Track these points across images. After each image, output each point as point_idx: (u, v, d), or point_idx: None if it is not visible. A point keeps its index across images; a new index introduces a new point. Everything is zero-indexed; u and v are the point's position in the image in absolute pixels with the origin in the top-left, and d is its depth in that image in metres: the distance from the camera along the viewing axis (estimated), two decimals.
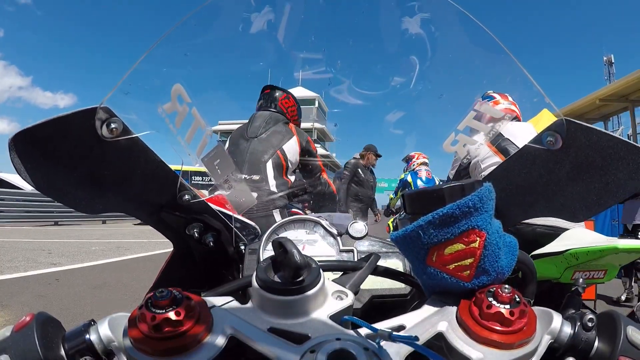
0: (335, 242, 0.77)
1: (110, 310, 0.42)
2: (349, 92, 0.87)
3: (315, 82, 0.94)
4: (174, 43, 0.59)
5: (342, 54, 0.85)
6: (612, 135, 0.48)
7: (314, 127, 2.61)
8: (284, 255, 0.44)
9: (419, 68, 0.76)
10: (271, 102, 2.27)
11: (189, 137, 0.61)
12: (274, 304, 0.43)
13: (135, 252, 7.09)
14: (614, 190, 0.49)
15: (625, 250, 1.27)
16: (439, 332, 0.42)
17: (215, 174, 0.71)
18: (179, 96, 0.58)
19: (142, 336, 0.37)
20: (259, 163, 2.07)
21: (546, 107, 0.55)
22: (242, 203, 0.78)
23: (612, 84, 11.72)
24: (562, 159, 0.52)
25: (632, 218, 4.84)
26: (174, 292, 0.40)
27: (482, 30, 0.57)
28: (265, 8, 0.75)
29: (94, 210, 0.56)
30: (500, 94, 1.98)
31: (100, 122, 0.50)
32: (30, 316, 0.41)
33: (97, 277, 4.84)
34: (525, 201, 0.58)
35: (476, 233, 0.43)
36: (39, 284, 4.36)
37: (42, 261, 5.68)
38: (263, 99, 2.30)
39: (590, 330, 0.42)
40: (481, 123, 0.62)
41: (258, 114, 2.23)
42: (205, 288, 0.52)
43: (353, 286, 0.51)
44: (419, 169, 4.74)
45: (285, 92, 2.28)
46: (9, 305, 3.52)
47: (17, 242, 7.79)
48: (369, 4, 0.82)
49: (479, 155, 1.99)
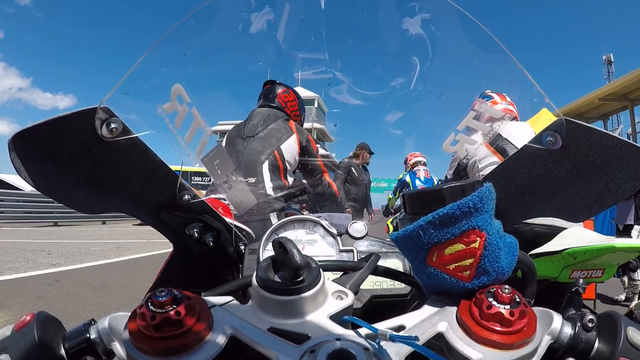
0: (335, 242, 0.77)
1: (110, 310, 0.42)
2: (348, 92, 0.87)
3: (314, 82, 0.94)
4: (174, 43, 0.59)
5: (342, 54, 0.85)
6: (612, 135, 0.48)
7: (313, 127, 2.59)
8: (284, 255, 0.44)
9: (419, 68, 0.76)
10: (271, 97, 2.19)
11: (189, 137, 0.61)
12: (274, 304, 0.43)
13: (135, 252, 7.09)
14: (613, 190, 0.49)
15: (622, 249, 1.27)
16: (439, 333, 0.42)
17: (215, 174, 0.71)
18: (179, 96, 0.58)
19: (142, 335, 0.37)
20: (255, 164, 1.97)
21: (546, 106, 0.55)
22: (241, 203, 0.78)
23: (611, 83, 11.74)
24: (562, 158, 0.52)
25: (624, 218, 4.87)
26: (174, 291, 0.40)
27: (482, 30, 0.57)
28: (265, 8, 0.75)
29: (94, 210, 0.56)
30: (498, 94, 1.98)
31: (100, 122, 0.50)
32: (31, 315, 0.41)
33: (97, 278, 4.84)
34: (525, 201, 0.57)
35: (476, 233, 0.43)
36: (39, 284, 4.36)
37: (42, 262, 5.68)
38: (263, 94, 2.22)
39: (591, 331, 0.42)
40: (481, 123, 0.62)
41: (256, 111, 2.14)
42: (205, 288, 0.52)
43: (353, 286, 0.51)
44: (417, 169, 4.74)
45: (285, 87, 2.20)
46: (8, 306, 3.52)
47: (17, 243, 7.79)
48: (368, 4, 0.82)
49: (477, 155, 1.99)
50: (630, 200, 4.74)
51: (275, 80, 2.18)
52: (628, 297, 4.26)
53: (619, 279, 4.35)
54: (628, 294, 4.27)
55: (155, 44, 0.54)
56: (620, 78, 10.39)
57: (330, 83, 0.88)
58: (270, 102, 2.18)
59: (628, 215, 4.83)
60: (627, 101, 11.14)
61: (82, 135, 0.50)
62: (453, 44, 0.71)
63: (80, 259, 6.07)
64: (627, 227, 4.84)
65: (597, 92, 11.15)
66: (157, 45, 0.54)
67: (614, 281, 4.32)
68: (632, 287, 4.26)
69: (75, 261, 5.89)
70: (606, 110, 12.44)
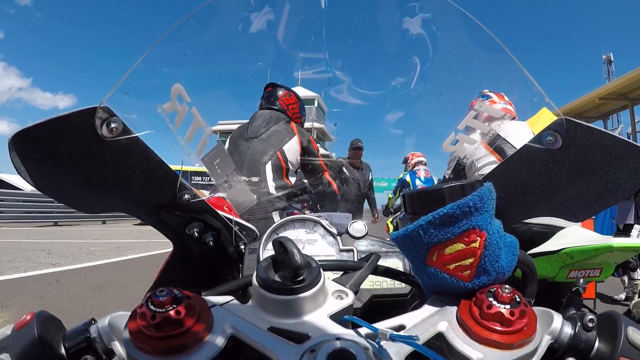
0: (335, 242, 0.77)
1: (110, 310, 0.42)
2: (348, 92, 0.87)
3: (314, 81, 0.94)
4: (174, 43, 0.59)
5: (342, 54, 0.85)
6: (612, 134, 0.48)
7: (313, 126, 2.60)
8: (284, 255, 0.44)
9: (419, 68, 0.76)
10: (272, 100, 2.23)
11: (189, 136, 0.61)
12: (274, 304, 0.43)
13: (135, 252, 7.09)
14: (614, 190, 0.49)
15: (620, 248, 1.27)
16: (439, 332, 0.42)
17: (215, 173, 0.71)
18: (179, 96, 0.58)
19: (143, 335, 0.37)
20: (258, 164, 2.03)
21: (546, 106, 0.55)
22: (241, 203, 0.78)
23: (611, 82, 11.74)
24: (562, 158, 0.52)
25: (625, 218, 4.88)
26: (174, 291, 0.40)
27: (482, 30, 0.57)
28: (265, 8, 0.75)
29: (94, 210, 0.56)
30: (496, 93, 1.97)
31: (100, 121, 0.50)
32: (31, 315, 0.41)
33: (97, 278, 4.84)
34: (525, 201, 0.57)
35: (476, 233, 0.43)
36: (39, 284, 4.36)
37: (42, 261, 5.68)
38: (265, 97, 2.27)
39: (591, 331, 0.42)
40: (481, 122, 0.62)
41: (259, 113, 2.18)
42: (205, 287, 0.52)
43: (353, 286, 0.51)
44: (417, 169, 4.74)
45: (287, 90, 2.25)
46: (8, 305, 3.52)
47: (17, 243, 7.79)
48: (368, 4, 0.82)
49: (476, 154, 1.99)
50: (631, 199, 4.75)
51: (276, 83, 2.21)
52: (628, 296, 4.26)
53: (619, 278, 4.35)
54: (628, 294, 4.28)
55: (155, 44, 0.54)
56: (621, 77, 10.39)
57: (330, 82, 0.88)
58: (272, 104, 2.23)
59: (628, 215, 4.84)
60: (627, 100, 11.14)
61: (82, 134, 0.50)
62: (453, 44, 0.71)
63: (81, 259, 6.07)
64: (627, 226, 4.85)
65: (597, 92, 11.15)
66: (157, 44, 0.54)
67: (614, 281, 4.32)
68: (632, 286, 4.26)
69: (75, 261, 5.89)
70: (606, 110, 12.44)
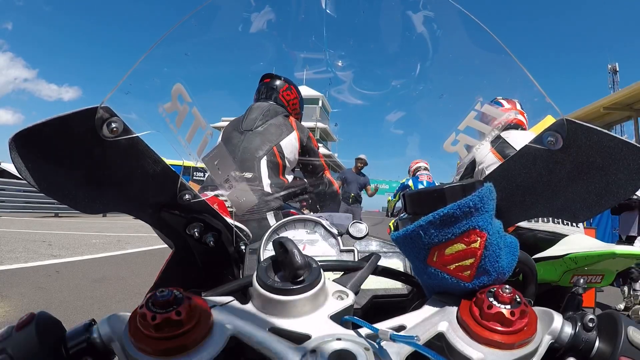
0: (335, 242, 0.77)
1: (109, 303, 0.42)
2: (349, 92, 0.87)
3: (319, 81, 0.94)
4: (175, 43, 0.59)
5: (343, 54, 0.85)
6: (612, 135, 0.48)
7: (317, 126, 2.56)
8: (285, 255, 0.44)
9: (421, 68, 0.76)
10: (271, 93, 2.05)
11: (190, 136, 0.61)
12: (275, 304, 0.43)
13: (135, 246, 7.09)
14: (614, 191, 0.49)
15: (622, 255, 1.31)
16: (440, 333, 0.42)
17: (216, 173, 0.71)
18: (180, 96, 0.58)
19: (143, 336, 0.37)
20: (252, 159, 1.82)
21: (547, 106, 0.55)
22: (242, 203, 0.77)
23: (616, 92, 11.74)
24: (562, 159, 0.52)
25: (628, 230, 4.90)
26: (175, 292, 0.40)
27: (483, 31, 0.57)
28: (265, 8, 0.75)
29: (95, 210, 0.56)
30: (509, 101, 1.97)
31: (100, 121, 0.50)
32: (31, 316, 0.41)
33: (97, 270, 4.83)
34: (525, 201, 0.57)
35: (477, 233, 0.43)
36: (39, 275, 4.34)
37: (42, 252, 5.67)
38: (262, 89, 2.07)
39: (591, 331, 0.42)
40: (482, 123, 0.62)
41: (255, 105, 1.99)
42: (206, 288, 0.52)
43: (354, 286, 0.51)
44: (420, 174, 4.80)
45: (286, 82, 2.06)
46: (8, 296, 3.48)
47: (18, 233, 7.76)
48: (369, 4, 0.82)
49: (479, 156, 1.99)
50: (634, 211, 4.75)
51: (274, 74, 2.05)
52: (627, 306, 4.23)
53: (619, 288, 4.33)
54: (627, 304, 4.25)
55: (155, 44, 0.54)
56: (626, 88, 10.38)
57: (331, 83, 0.87)
58: (270, 98, 2.05)
59: (632, 227, 4.84)
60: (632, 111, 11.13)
61: (83, 134, 0.50)
62: (454, 44, 0.71)
63: (81, 251, 6.06)
64: (630, 238, 4.83)
65: (602, 101, 11.15)
66: (158, 44, 0.54)
67: (614, 291, 4.30)
68: (633, 297, 4.23)
69: (75, 253, 5.88)
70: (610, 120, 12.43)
